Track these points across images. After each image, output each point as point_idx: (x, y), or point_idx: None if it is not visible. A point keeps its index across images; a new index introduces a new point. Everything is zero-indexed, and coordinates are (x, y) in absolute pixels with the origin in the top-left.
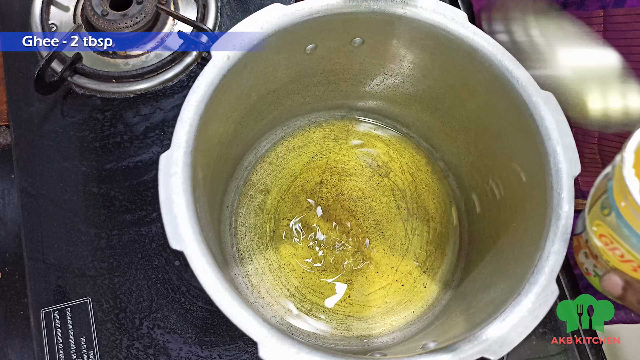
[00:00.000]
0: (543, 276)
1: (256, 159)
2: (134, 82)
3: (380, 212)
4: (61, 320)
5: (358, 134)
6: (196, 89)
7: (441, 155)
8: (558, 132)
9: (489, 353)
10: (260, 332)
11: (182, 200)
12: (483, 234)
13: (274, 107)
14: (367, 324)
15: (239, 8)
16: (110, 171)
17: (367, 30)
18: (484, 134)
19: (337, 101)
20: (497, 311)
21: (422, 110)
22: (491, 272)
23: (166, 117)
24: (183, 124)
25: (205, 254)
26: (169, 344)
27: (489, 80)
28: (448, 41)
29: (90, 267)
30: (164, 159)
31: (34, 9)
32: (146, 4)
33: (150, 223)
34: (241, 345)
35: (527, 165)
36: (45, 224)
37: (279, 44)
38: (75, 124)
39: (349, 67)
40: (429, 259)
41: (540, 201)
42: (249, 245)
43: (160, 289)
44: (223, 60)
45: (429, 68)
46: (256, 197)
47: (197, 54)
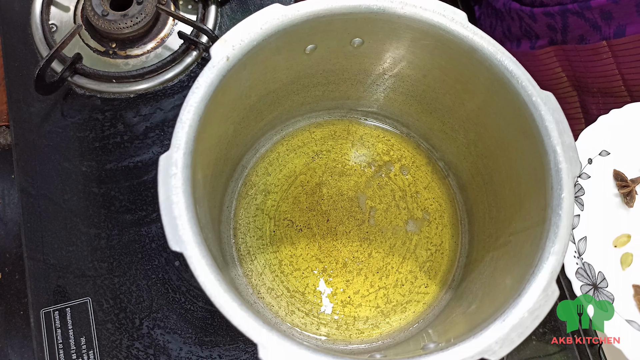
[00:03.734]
0: (543, 276)
1: (256, 160)
2: (134, 82)
3: (380, 212)
4: (61, 320)
5: (358, 134)
6: (196, 90)
7: (441, 155)
8: (558, 132)
9: (489, 353)
10: (260, 333)
11: (181, 201)
12: (483, 233)
13: (274, 107)
14: (367, 324)
15: (239, 8)
16: (110, 171)
17: (367, 30)
18: (484, 134)
19: (337, 101)
20: (497, 312)
21: (422, 110)
22: (491, 273)
23: (166, 117)
24: (182, 124)
25: (205, 256)
26: (169, 344)
27: (489, 80)
28: (448, 41)
29: (90, 267)
30: (164, 160)
31: (34, 9)
32: (146, 4)
33: (150, 223)
34: (241, 345)
35: (527, 165)
36: (45, 224)
37: (279, 44)
38: (75, 124)
39: (349, 67)
40: (429, 259)
41: (540, 201)
42: (249, 246)
43: (160, 289)
44: (223, 60)
45: (429, 68)
46: (256, 198)
47: (197, 54)
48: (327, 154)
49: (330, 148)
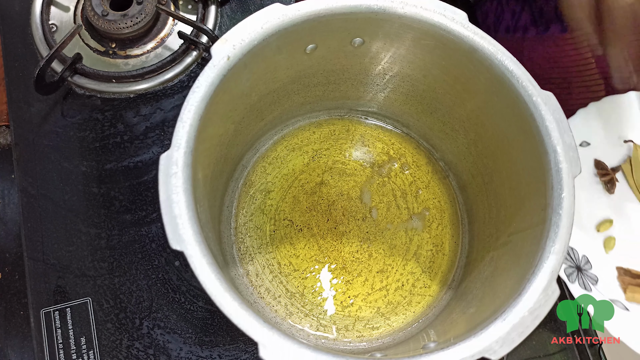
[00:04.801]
0: (544, 276)
1: (256, 159)
2: (134, 82)
3: (381, 212)
4: (61, 320)
5: (358, 134)
6: (196, 89)
7: (441, 155)
8: (558, 132)
9: (489, 353)
10: (261, 332)
11: (182, 201)
12: (483, 233)
13: (274, 107)
14: (367, 324)
15: (239, 8)
16: (110, 171)
17: (368, 30)
18: (484, 134)
19: (337, 101)
20: (498, 311)
21: (422, 110)
22: (491, 272)
23: (166, 117)
24: (183, 124)
25: (206, 254)
26: (169, 344)
27: (489, 80)
28: (448, 41)
29: (90, 267)
30: (164, 159)
31: (34, 9)
32: (146, 4)
33: (150, 223)
34: (241, 345)
35: (527, 165)
36: (45, 224)
37: (279, 44)
38: (75, 124)
39: (349, 67)
40: (429, 259)
41: (541, 201)
42: (249, 246)
43: (161, 289)
44: (223, 60)
45: (429, 68)
46: (256, 197)
47: (197, 54)
48: (327, 154)
49: (330, 148)
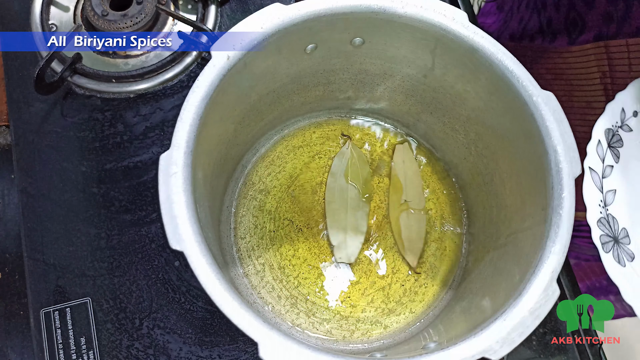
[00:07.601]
0: (544, 276)
1: (256, 159)
2: (134, 82)
3: (381, 212)
4: (61, 321)
5: (358, 134)
6: (196, 89)
7: (441, 155)
8: (559, 132)
9: (489, 353)
10: (261, 332)
11: (182, 201)
12: (483, 233)
13: (274, 107)
14: (367, 324)
15: (239, 8)
16: (110, 171)
17: (368, 30)
18: (485, 134)
19: (337, 101)
20: (498, 311)
21: (422, 110)
22: (491, 272)
23: (166, 117)
24: (183, 124)
25: (205, 254)
26: (169, 344)
27: (489, 80)
28: (448, 41)
29: (90, 267)
30: (164, 159)
31: (34, 9)
32: (146, 4)
33: (150, 223)
34: (241, 345)
35: (527, 165)
36: (45, 224)
37: (279, 44)
38: (75, 124)
39: (349, 67)
40: (429, 259)
41: (541, 201)
42: (249, 246)
43: (160, 289)
44: (223, 60)
45: (429, 68)
46: (256, 197)
47: (197, 54)
48: (327, 154)
49: (330, 148)
